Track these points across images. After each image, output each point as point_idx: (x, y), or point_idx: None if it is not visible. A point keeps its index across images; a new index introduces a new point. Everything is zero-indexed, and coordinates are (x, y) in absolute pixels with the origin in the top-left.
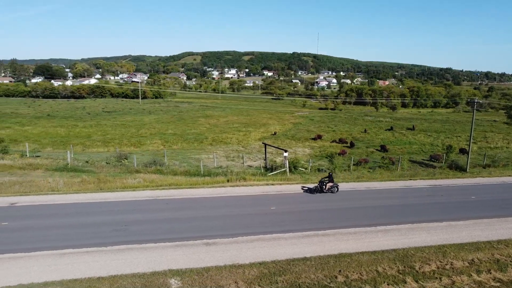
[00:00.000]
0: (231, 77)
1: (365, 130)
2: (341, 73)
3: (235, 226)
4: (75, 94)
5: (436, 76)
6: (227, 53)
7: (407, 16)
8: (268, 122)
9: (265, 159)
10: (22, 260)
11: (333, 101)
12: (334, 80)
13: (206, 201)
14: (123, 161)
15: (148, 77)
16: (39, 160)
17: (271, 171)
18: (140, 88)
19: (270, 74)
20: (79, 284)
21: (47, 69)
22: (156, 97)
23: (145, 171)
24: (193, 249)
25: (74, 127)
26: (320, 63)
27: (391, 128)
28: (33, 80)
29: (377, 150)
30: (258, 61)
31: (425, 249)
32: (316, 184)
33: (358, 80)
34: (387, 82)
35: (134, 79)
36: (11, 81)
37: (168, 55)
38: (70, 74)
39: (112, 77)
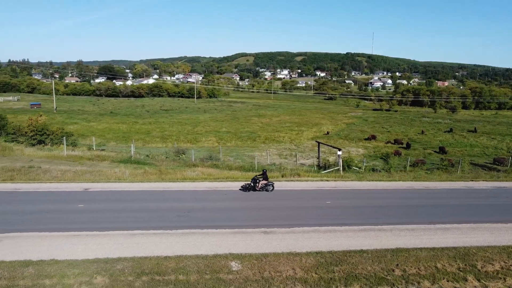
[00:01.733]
0: (283, 78)
1: (422, 132)
2: (397, 73)
3: (291, 218)
4: (134, 93)
5: (501, 76)
6: (279, 53)
7: (468, 14)
8: (320, 122)
9: (318, 158)
10: (98, 238)
11: (388, 101)
12: (389, 81)
13: (262, 193)
14: (180, 156)
15: (202, 78)
16: (105, 152)
17: (324, 170)
18: (195, 87)
19: (322, 74)
20: (148, 261)
21: (110, 70)
22: (210, 97)
23: (202, 165)
24: (251, 237)
25: (134, 123)
26: (374, 63)
27: (451, 130)
28: (97, 80)
29: (435, 152)
30: (310, 62)
31: (488, 249)
32: (249, 182)
33: (415, 80)
34: (446, 83)
35: (189, 79)
36: (77, 81)
37: (221, 56)
38: (130, 75)
39: (168, 77)
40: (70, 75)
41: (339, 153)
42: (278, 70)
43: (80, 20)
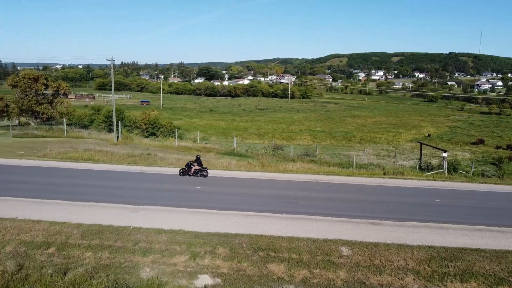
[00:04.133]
0: (378, 79)
1: None
2: (509, 74)
3: (399, 212)
4: (231, 93)
5: None
6: (374, 54)
7: None
8: (420, 124)
9: (420, 159)
10: (216, 215)
11: (499, 104)
12: (500, 83)
13: (365, 187)
14: (278, 151)
15: (295, 78)
16: (210, 145)
17: (427, 171)
18: (289, 88)
19: (421, 76)
20: (263, 238)
21: (208, 71)
22: (303, 97)
23: (301, 161)
24: (359, 226)
25: (232, 121)
26: (482, 63)
27: None
28: (196, 81)
29: None
30: (408, 62)
31: None
32: (184, 167)
33: None
34: None
35: (282, 80)
36: (178, 81)
37: (314, 58)
38: (226, 75)
39: (262, 78)
40: (172, 75)
41: (445, 154)
42: (373, 71)
43: (181, 25)
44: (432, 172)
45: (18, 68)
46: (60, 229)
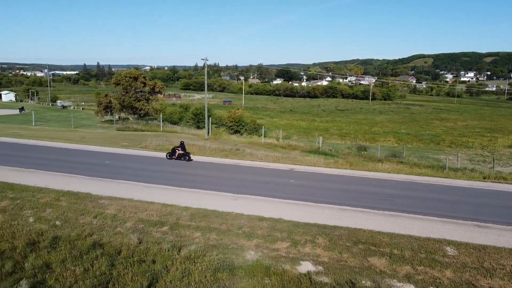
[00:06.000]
0: (468, 81)
1: None
2: None
3: (507, 216)
4: (310, 94)
5: None
6: (464, 54)
7: None
8: None
9: None
10: (313, 208)
11: None
12: None
13: (465, 190)
14: (363, 152)
15: (376, 80)
16: (295, 143)
17: None
18: (370, 89)
19: None
20: (362, 232)
21: (286, 72)
22: (385, 99)
23: (388, 161)
24: (463, 228)
25: (312, 121)
26: None
27: None
28: (274, 82)
29: None
30: (503, 63)
31: None
32: (169, 151)
33: None
34: None
35: (362, 82)
36: (258, 82)
37: (396, 58)
38: (304, 77)
39: (341, 80)
40: (251, 77)
41: None
42: (462, 72)
43: (260, 28)
44: None
45: (113, 70)
46: (171, 211)
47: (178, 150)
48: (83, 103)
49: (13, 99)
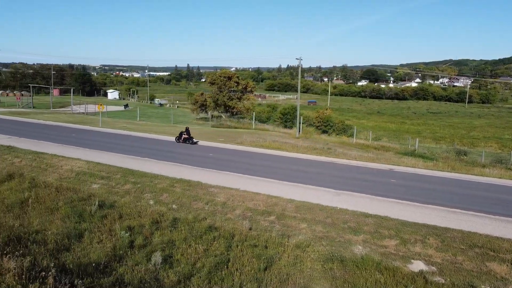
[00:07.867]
0: None
1: None
2: None
3: None
4: (398, 96)
5: None
6: None
7: None
8: None
9: None
10: (420, 208)
11: None
12: None
13: None
14: (462, 156)
15: (472, 82)
16: (388, 144)
17: None
18: (467, 92)
19: None
20: (477, 236)
21: (372, 73)
22: (483, 102)
23: (492, 167)
24: None
25: (402, 123)
26: None
27: None
28: (359, 83)
29: None
30: None
31: None
32: (177, 135)
33: None
34: None
35: (455, 84)
36: (342, 83)
37: (496, 58)
38: (391, 78)
39: (432, 81)
40: (335, 78)
41: None
42: None
43: (344, 29)
44: None
45: (201, 71)
46: (276, 202)
47: (184, 134)
48: (177, 102)
49: (117, 97)
